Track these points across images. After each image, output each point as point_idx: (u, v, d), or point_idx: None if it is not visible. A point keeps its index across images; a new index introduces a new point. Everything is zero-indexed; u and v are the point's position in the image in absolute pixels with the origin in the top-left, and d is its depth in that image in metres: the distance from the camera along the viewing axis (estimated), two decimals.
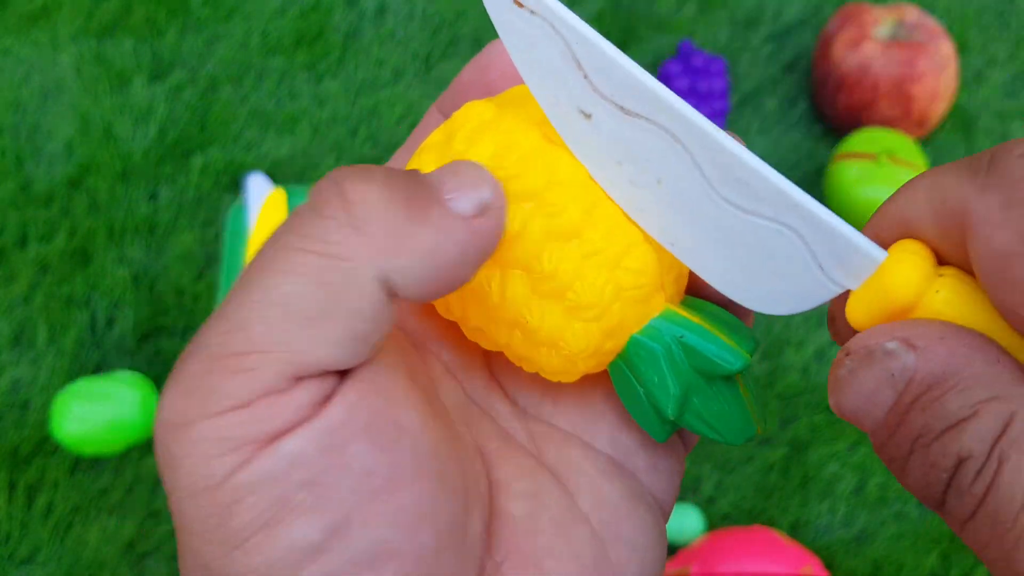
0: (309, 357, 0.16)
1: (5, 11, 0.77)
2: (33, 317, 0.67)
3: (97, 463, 0.63)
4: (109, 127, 0.73)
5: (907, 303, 0.17)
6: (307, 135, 0.73)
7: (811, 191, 0.71)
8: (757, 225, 0.19)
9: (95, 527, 0.61)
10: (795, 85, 0.75)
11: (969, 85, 0.74)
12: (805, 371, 0.65)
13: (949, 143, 0.72)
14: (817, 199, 0.76)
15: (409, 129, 0.73)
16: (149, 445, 0.63)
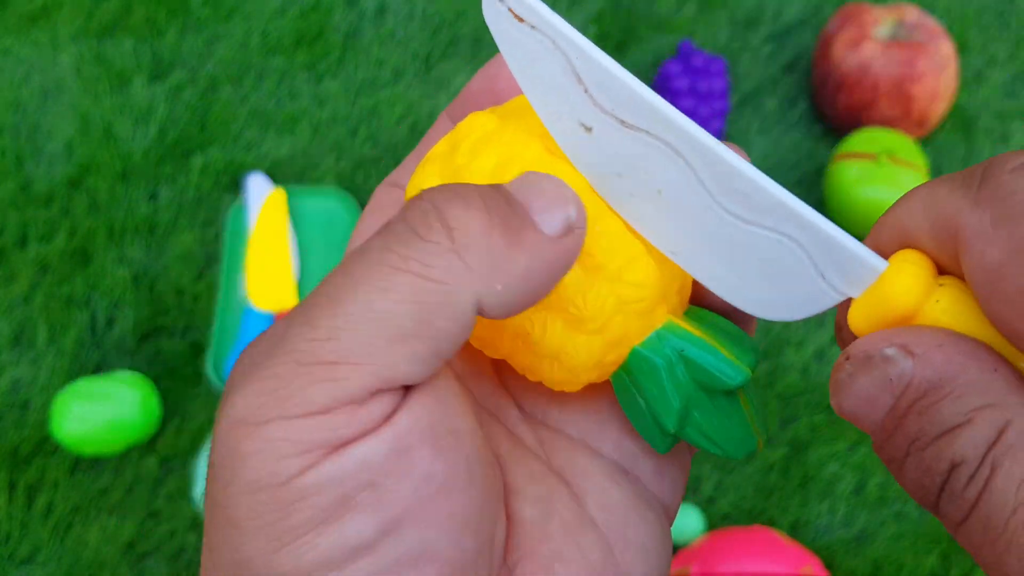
0: (394, 373, 0.16)
1: (5, 11, 0.77)
2: (33, 317, 0.67)
3: (97, 463, 0.63)
4: (109, 127, 0.73)
5: (907, 312, 0.17)
6: (307, 135, 0.73)
7: (811, 191, 0.71)
8: (758, 235, 0.19)
9: (95, 527, 0.61)
10: (795, 85, 0.75)
11: (969, 85, 0.74)
12: (805, 371, 0.65)
13: (949, 143, 0.72)
14: (817, 199, 0.76)
15: (409, 129, 0.73)
16: (149, 445, 0.63)
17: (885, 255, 0.18)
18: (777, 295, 0.19)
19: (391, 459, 0.16)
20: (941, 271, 0.17)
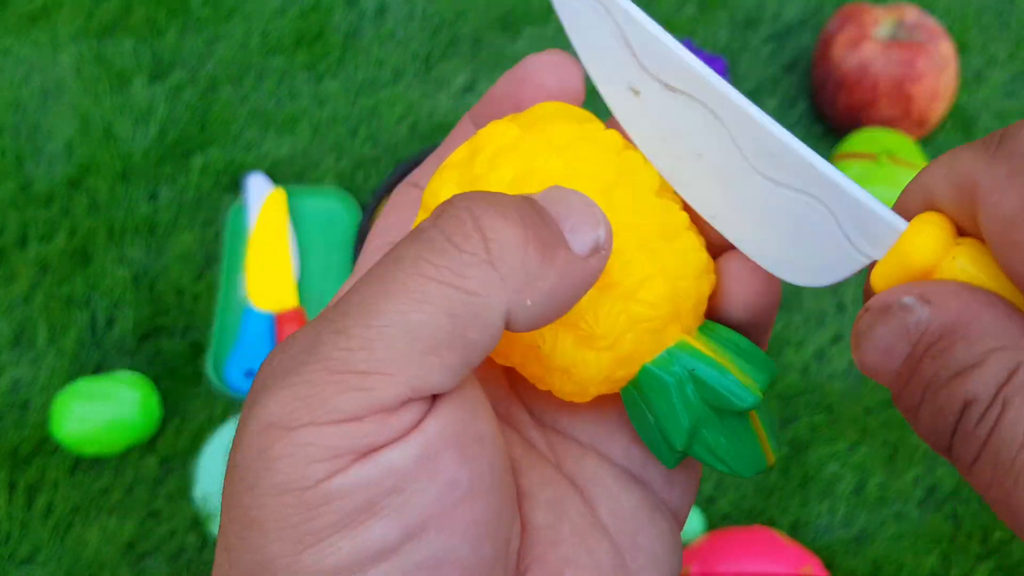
0: (425, 383, 0.16)
1: (5, 11, 0.77)
2: (33, 317, 0.67)
3: (97, 463, 0.63)
4: (109, 127, 0.73)
5: (925, 269, 0.18)
6: (307, 135, 0.73)
7: None
8: (788, 197, 0.20)
9: (95, 527, 0.61)
10: (795, 85, 0.75)
11: (969, 85, 0.74)
12: (805, 371, 0.65)
13: (949, 143, 0.72)
14: None
15: (409, 129, 0.73)
16: (149, 445, 0.63)
17: (909, 218, 0.18)
18: (806, 259, 0.20)
19: (418, 465, 0.16)
20: (962, 233, 0.18)
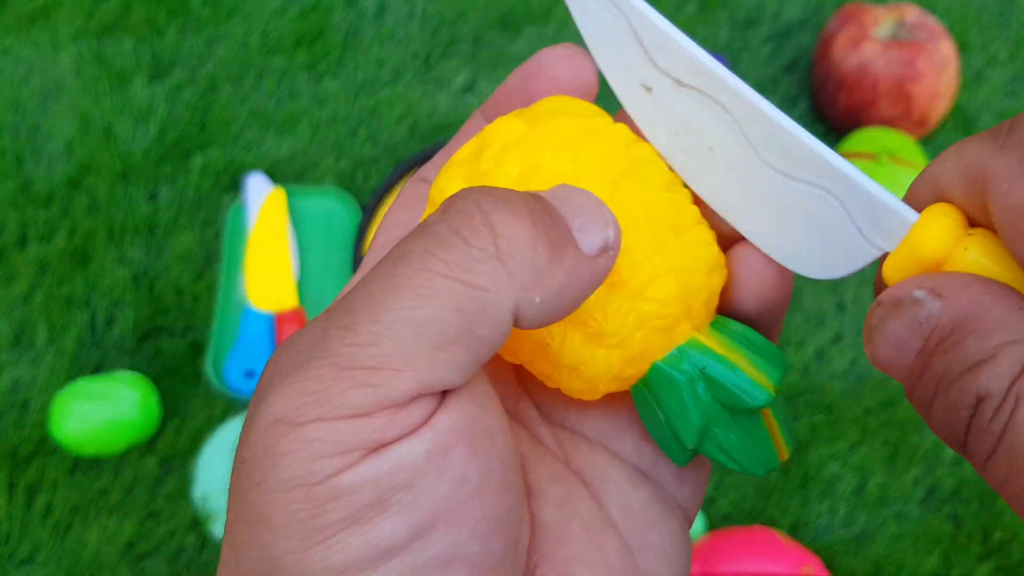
0: (435, 379, 0.16)
1: (5, 11, 0.77)
2: (33, 317, 0.67)
3: (97, 463, 0.63)
4: (109, 127, 0.73)
5: (936, 260, 0.18)
6: (307, 135, 0.73)
7: None
8: (800, 190, 0.20)
9: (95, 527, 0.61)
10: (795, 85, 0.75)
11: (969, 85, 0.74)
12: (805, 371, 0.65)
13: (949, 143, 0.72)
14: None
15: (409, 129, 0.73)
16: (149, 445, 0.63)
17: (920, 210, 0.18)
18: (819, 251, 0.20)
19: (428, 460, 0.16)
20: (973, 224, 0.18)
